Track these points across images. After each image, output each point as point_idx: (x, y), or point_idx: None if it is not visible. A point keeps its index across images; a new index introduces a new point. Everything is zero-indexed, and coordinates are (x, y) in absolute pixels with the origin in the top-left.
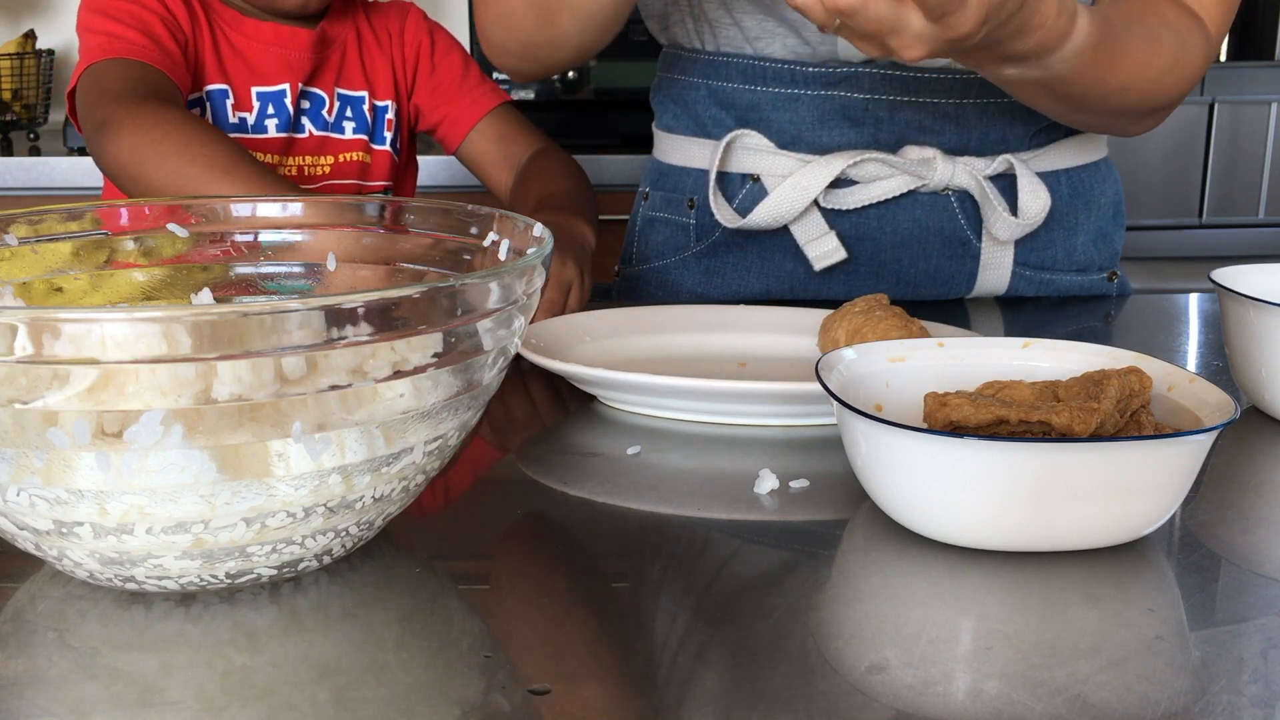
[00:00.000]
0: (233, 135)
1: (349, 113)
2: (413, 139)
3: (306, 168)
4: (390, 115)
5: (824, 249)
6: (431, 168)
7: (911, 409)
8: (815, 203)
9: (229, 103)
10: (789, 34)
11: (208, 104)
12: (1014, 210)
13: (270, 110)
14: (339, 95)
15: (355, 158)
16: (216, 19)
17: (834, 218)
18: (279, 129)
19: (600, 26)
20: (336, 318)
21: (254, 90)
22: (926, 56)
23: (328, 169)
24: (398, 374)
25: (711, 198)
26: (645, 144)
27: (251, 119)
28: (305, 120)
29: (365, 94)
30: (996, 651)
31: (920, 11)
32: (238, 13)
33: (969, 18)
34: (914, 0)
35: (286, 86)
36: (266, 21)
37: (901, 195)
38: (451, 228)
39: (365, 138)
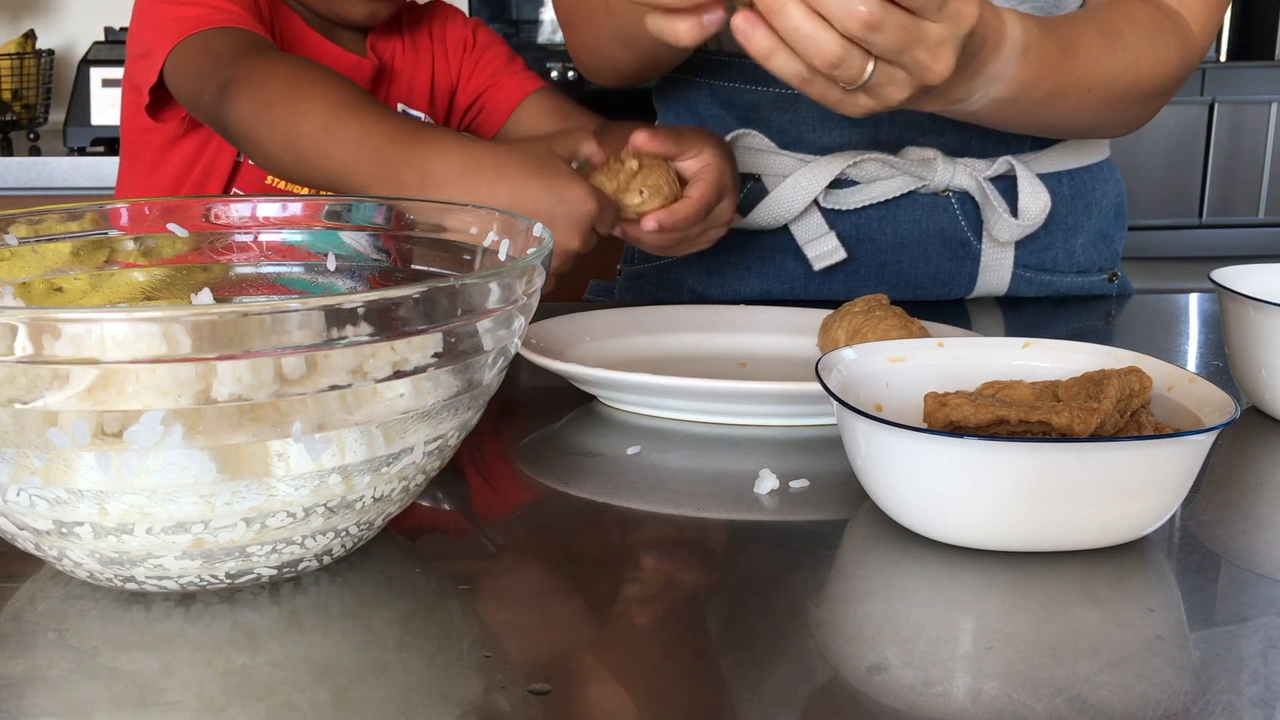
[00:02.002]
0: None
1: None
2: None
3: None
4: None
5: (824, 249)
6: None
7: (911, 409)
8: (815, 203)
9: None
10: None
11: None
12: (1014, 211)
13: None
14: None
15: None
16: (282, 29)
17: (834, 218)
18: None
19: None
20: (336, 318)
21: None
22: (952, 71)
23: None
24: (398, 374)
25: None
26: None
27: None
28: None
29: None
30: (996, 651)
31: (927, 19)
32: (302, 21)
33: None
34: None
35: None
36: (328, 44)
37: (901, 196)
38: (451, 228)
39: None
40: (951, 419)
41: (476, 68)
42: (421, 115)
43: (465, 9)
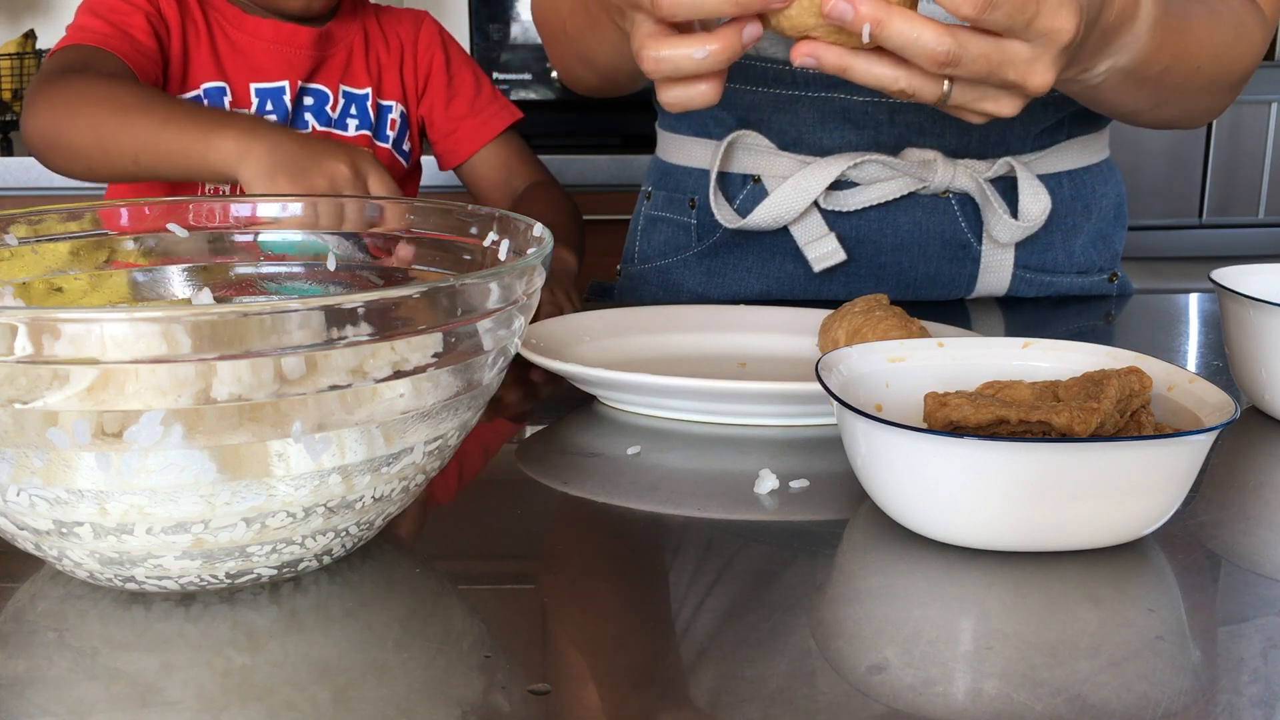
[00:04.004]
0: None
1: (353, 110)
2: (421, 144)
3: None
4: (394, 116)
5: (823, 250)
6: (432, 167)
7: (911, 409)
8: (816, 204)
9: (226, 100)
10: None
11: (204, 102)
12: (1015, 213)
13: (269, 106)
14: (343, 92)
15: None
16: (216, 16)
17: (834, 219)
18: None
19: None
20: (336, 318)
21: (252, 86)
22: (1053, 82)
23: None
24: (398, 374)
25: (712, 197)
26: (645, 144)
27: None
28: (308, 116)
29: (369, 91)
30: (996, 651)
31: (1014, 38)
32: (240, 10)
33: (1061, 11)
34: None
35: (285, 84)
36: (268, 19)
37: (902, 197)
38: (451, 228)
39: (368, 133)
40: (951, 419)
41: (446, 92)
42: (394, 104)
43: (465, 9)
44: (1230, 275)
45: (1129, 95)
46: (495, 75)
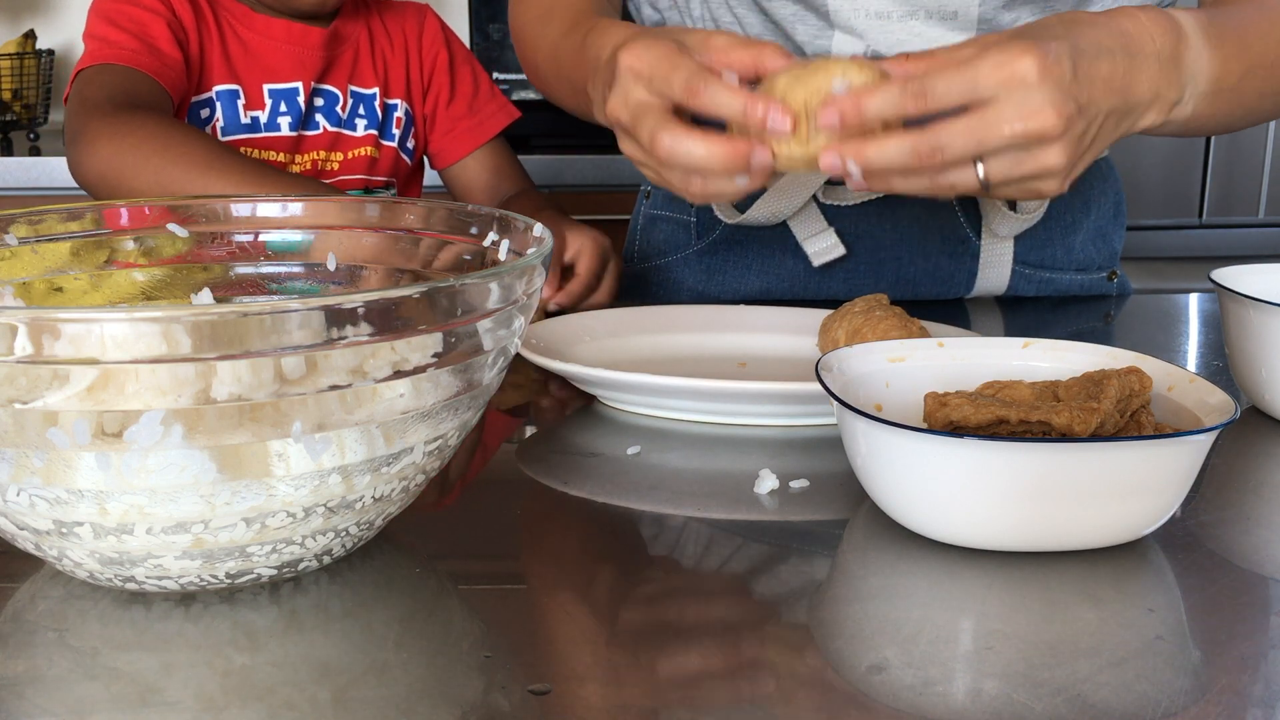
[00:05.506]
0: (244, 136)
1: (361, 110)
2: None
3: (320, 162)
4: (399, 114)
5: (822, 245)
6: None
7: (911, 409)
8: (814, 199)
9: (240, 103)
10: (784, 40)
11: (218, 105)
12: (1013, 206)
13: (283, 108)
14: (352, 93)
15: (365, 153)
16: (226, 16)
17: (833, 214)
18: (291, 127)
19: None
20: (336, 318)
21: (266, 88)
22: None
23: (338, 165)
24: (398, 374)
25: None
26: None
27: (264, 117)
28: (319, 116)
29: (376, 91)
30: (996, 651)
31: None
32: (249, 9)
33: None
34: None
35: (299, 84)
36: (278, 19)
37: None
38: (451, 228)
39: (375, 133)
40: (951, 419)
41: (450, 92)
42: (399, 103)
43: (465, 9)
44: (1230, 275)
45: (1224, 114)
46: (495, 75)
